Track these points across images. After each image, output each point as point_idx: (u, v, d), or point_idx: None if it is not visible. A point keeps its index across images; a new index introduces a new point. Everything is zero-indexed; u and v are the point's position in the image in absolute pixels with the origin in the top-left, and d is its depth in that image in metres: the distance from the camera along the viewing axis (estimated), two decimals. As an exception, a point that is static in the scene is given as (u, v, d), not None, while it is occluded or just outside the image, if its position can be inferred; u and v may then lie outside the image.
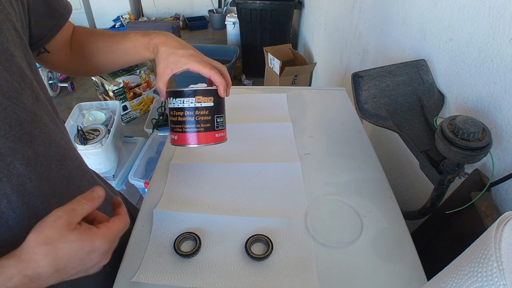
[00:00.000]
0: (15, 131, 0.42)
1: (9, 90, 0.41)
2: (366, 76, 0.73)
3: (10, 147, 0.42)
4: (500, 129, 0.60)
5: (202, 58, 0.58)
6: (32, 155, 0.45)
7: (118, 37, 0.62)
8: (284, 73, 2.26)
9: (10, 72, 0.41)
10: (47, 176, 0.47)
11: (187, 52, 0.57)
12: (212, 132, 0.58)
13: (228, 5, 3.89)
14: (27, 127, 0.44)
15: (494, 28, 0.60)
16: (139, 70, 2.55)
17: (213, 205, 0.67)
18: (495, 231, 0.31)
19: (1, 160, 0.41)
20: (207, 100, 0.57)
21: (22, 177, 0.44)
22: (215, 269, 0.56)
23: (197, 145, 0.58)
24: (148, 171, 1.76)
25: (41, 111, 0.47)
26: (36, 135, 0.45)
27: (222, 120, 0.60)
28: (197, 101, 0.57)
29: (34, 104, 0.45)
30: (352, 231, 0.62)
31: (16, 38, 0.44)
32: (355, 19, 1.43)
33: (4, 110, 0.40)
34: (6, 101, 0.40)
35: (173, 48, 0.57)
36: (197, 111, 0.57)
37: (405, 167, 0.96)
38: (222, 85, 0.57)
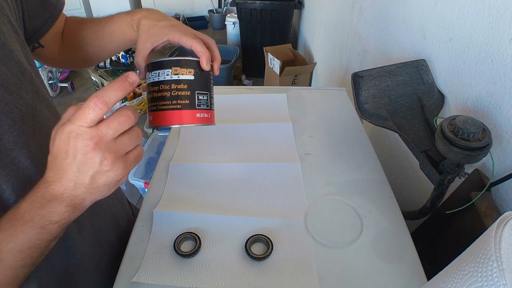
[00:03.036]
0: (19, 125, 0.42)
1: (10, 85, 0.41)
2: (366, 76, 0.73)
3: (15, 142, 0.42)
4: (500, 129, 0.60)
5: (185, 28, 0.53)
6: (36, 149, 0.45)
7: (103, 21, 0.60)
8: (284, 73, 2.26)
9: (9, 67, 0.41)
10: None
11: (168, 23, 0.52)
12: (191, 110, 0.48)
13: (228, 5, 3.89)
14: (29, 121, 0.44)
15: (494, 28, 0.60)
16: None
17: (213, 205, 0.67)
18: (495, 231, 0.31)
19: (6, 155, 0.41)
20: (186, 72, 0.48)
21: (28, 171, 0.44)
22: (215, 269, 0.56)
23: (173, 125, 0.48)
24: (148, 171, 1.76)
25: (41, 105, 0.47)
26: (37, 129, 0.45)
27: (207, 99, 0.50)
28: (173, 73, 0.48)
29: (34, 98, 0.45)
30: (352, 231, 0.62)
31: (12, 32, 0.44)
32: (355, 19, 1.43)
33: (6, 104, 0.40)
34: (7, 95, 0.40)
35: (154, 21, 0.53)
36: (173, 84, 0.48)
37: (405, 167, 0.96)
38: (205, 55, 0.49)
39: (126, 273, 0.55)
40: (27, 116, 0.43)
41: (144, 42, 0.52)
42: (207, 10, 4.18)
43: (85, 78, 3.31)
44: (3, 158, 0.41)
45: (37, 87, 0.47)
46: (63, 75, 3.13)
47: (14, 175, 0.42)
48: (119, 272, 0.56)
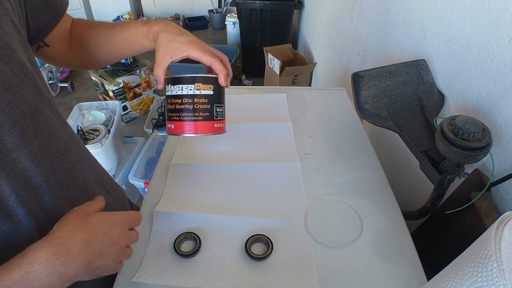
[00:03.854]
0: (20, 126, 0.42)
1: (12, 85, 0.41)
2: (366, 76, 0.73)
3: (15, 142, 0.41)
4: (500, 129, 0.60)
5: (202, 45, 0.56)
6: (38, 149, 0.45)
7: (117, 27, 0.61)
8: (284, 73, 2.26)
9: (11, 67, 0.41)
10: (52, 170, 0.48)
11: (188, 39, 0.55)
12: (210, 121, 0.56)
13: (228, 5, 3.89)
14: (30, 122, 0.44)
15: (494, 28, 0.60)
16: (139, 70, 2.55)
17: (213, 205, 0.67)
18: (495, 231, 0.31)
19: (7, 156, 0.41)
20: (207, 88, 0.55)
21: (28, 172, 0.44)
22: (215, 269, 0.56)
23: (194, 135, 0.55)
24: (148, 171, 1.76)
25: (44, 105, 0.47)
26: (39, 130, 0.45)
27: (222, 111, 0.58)
28: (196, 88, 0.54)
29: (36, 98, 0.45)
30: (352, 231, 0.62)
31: (15, 33, 0.44)
32: (355, 19, 1.43)
33: (8, 105, 0.40)
34: (9, 96, 0.40)
35: (173, 35, 0.55)
36: (196, 98, 0.54)
37: (405, 167, 0.96)
38: (223, 73, 0.55)
39: (126, 273, 0.55)
40: (28, 117, 0.43)
41: (164, 55, 0.55)
42: (207, 10, 4.18)
43: (85, 78, 3.31)
44: (4, 159, 0.41)
45: (39, 88, 0.47)
46: (63, 75, 3.13)
47: (15, 176, 0.42)
48: (119, 272, 0.56)
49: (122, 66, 2.52)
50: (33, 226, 0.45)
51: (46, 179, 0.46)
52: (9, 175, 0.41)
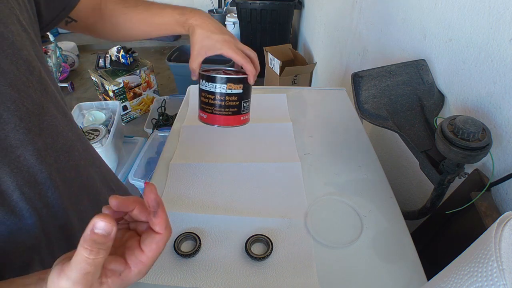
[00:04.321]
0: (25, 123, 0.42)
1: (17, 83, 0.41)
2: (366, 76, 0.73)
3: (21, 139, 0.42)
4: (500, 129, 0.60)
5: (236, 44, 0.60)
6: (42, 147, 0.45)
7: (152, 10, 0.63)
8: (284, 73, 2.26)
9: (17, 66, 0.42)
10: (56, 167, 0.48)
11: (222, 38, 0.59)
12: (238, 115, 0.63)
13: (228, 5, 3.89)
14: (35, 120, 0.44)
15: (494, 28, 0.60)
16: (139, 70, 2.55)
17: (213, 205, 0.67)
18: (495, 231, 0.31)
19: (12, 152, 0.41)
20: (237, 88, 0.61)
21: (33, 168, 0.44)
22: (215, 269, 0.56)
23: (224, 126, 0.64)
24: (148, 171, 1.76)
25: (49, 103, 0.47)
26: (44, 127, 0.46)
27: (248, 104, 0.65)
28: (228, 88, 0.60)
29: (42, 96, 0.46)
30: (352, 231, 0.62)
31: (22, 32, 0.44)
32: (355, 19, 1.43)
33: (13, 103, 0.41)
34: (15, 93, 0.41)
35: (209, 32, 0.59)
36: (227, 96, 0.61)
37: (405, 167, 0.96)
38: (252, 74, 0.60)
39: (126, 273, 0.55)
40: (33, 114, 0.44)
41: (199, 50, 0.60)
42: (207, 10, 4.18)
43: (85, 78, 3.31)
44: (9, 155, 0.41)
45: (46, 86, 0.47)
46: (63, 75, 3.13)
47: (19, 172, 0.43)
48: (119, 272, 0.56)
49: (122, 66, 2.52)
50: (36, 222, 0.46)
51: (50, 176, 0.47)
52: (13, 171, 0.42)
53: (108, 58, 2.57)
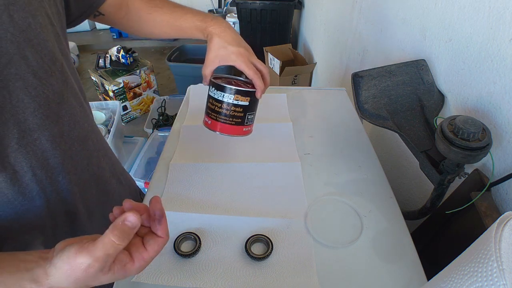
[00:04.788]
0: (44, 109, 0.46)
1: (40, 72, 0.45)
2: (366, 76, 0.73)
3: (38, 124, 0.45)
4: (500, 129, 0.60)
5: (249, 57, 0.62)
6: (58, 133, 0.49)
7: (176, 13, 0.66)
8: (284, 73, 2.26)
9: (41, 55, 0.45)
10: (70, 154, 0.51)
11: (237, 50, 0.61)
12: (241, 126, 0.65)
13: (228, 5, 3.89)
14: (55, 107, 0.48)
15: (494, 28, 0.60)
16: (139, 70, 2.55)
17: (213, 205, 0.67)
18: (495, 231, 0.31)
19: (29, 135, 0.45)
20: (244, 100, 0.62)
21: (47, 153, 0.47)
22: (215, 269, 0.56)
23: (225, 134, 0.65)
24: (148, 171, 1.76)
25: (69, 94, 0.51)
26: (62, 115, 0.49)
27: (252, 117, 0.66)
28: (235, 99, 0.61)
29: (62, 86, 0.49)
30: (352, 231, 0.62)
31: (48, 24, 0.47)
32: (355, 19, 1.43)
33: (34, 89, 0.44)
34: (36, 81, 0.44)
35: (226, 43, 0.61)
36: (233, 107, 0.62)
37: (405, 167, 0.96)
38: (260, 89, 0.61)
39: (126, 273, 0.55)
40: (53, 102, 0.47)
41: (214, 58, 0.62)
42: (207, 10, 4.18)
43: (85, 78, 3.31)
44: (26, 137, 0.44)
45: (66, 77, 0.50)
46: (63, 75, 3.13)
47: (34, 154, 0.46)
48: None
49: (122, 66, 2.52)
50: (43, 204, 0.49)
51: (62, 162, 0.50)
52: (28, 153, 0.45)
53: (108, 58, 2.56)
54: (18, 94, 0.43)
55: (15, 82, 0.42)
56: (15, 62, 0.42)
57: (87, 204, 0.57)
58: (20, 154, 0.44)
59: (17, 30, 0.42)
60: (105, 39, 4.10)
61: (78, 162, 0.53)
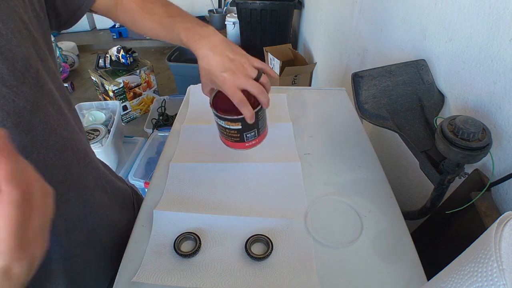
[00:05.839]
0: (13, 119, 0.43)
1: (10, 79, 0.42)
2: (366, 76, 0.73)
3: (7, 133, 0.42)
4: (500, 129, 0.60)
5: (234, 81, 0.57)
6: (29, 143, 0.46)
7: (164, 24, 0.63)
8: (284, 73, 2.26)
9: (13, 62, 0.42)
10: (44, 164, 0.48)
11: (221, 77, 0.57)
12: (242, 143, 0.68)
13: (228, 5, 3.89)
14: (26, 115, 0.45)
15: (494, 28, 0.60)
16: (139, 70, 2.55)
17: (213, 205, 0.67)
18: (495, 231, 0.31)
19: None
20: (235, 125, 0.63)
21: None
22: (215, 269, 0.56)
23: (232, 148, 0.70)
24: (148, 171, 1.76)
25: (45, 101, 0.48)
26: (35, 124, 0.46)
27: (253, 134, 0.66)
28: (226, 124, 0.64)
29: (37, 93, 0.46)
30: (352, 231, 0.62)
31: (23, 29, 0.45)
32: (355, 19, 1.43)
33: (3, 98, 0.41)
34: (5, 89, 0.42)
35: (210, 68, 0.58)
36: (227, 130, 0.65)
37: (405, 167, 0.96)
38: (247, 116, 0.59)
39: (126, 273, 0.55)
40: (24, 110, 0.44)
41: (205, 82, 0.63)
42: (207, 10, 4.18)
43: (85, 78, 3.31)
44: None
45: (43, 84, 0.47)
46: (63, 75, 3.13)
47: None
48: (119, 272, 0.56)
49: (122, 66, 2.52)
50: None
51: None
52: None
53: (108, 58, 2.57)
54: None
55: None
56: None
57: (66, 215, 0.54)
58: None
59: None
60: (105, 39, 4.10)
61: (54, 172, 0.50)
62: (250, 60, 0.61)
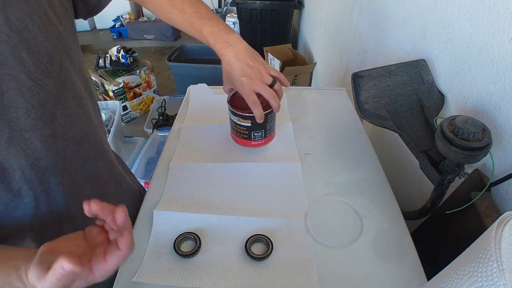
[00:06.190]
0: (37, 110, 0.46)
1: (36, 73, 0.45)
2: (366, 76, 0.73)
3: (30, 124, 0.46)
4: (500, 129, 0.60)
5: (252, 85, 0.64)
6: (51, 134, 0.49)
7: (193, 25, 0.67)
8: (284, 73, 2.26)
9: (38, 56, 0.45)
10: (64, 155, 0.51)
11: (239, 80, 0.64)
12: (249, 141, 0.74)
13: (228, 5, 3.89)
14: (50, 108, 0.48)
15: (494, 28, 0.60)
16: (139, 70, 2.55)
17: (213, 205, 0.67)
18: (495, 231, 0.31)
19: (20, 135, 0.45)
20: (245, 122, 0.70)
21: (38, 153, 0.48)
22: (215, 269, 0.56)
23: (239, 144, 0.76)
24: (148, 171, 1.76)
25: (67, 94, 0.50)
26: (57, 116, 0.49)
27: (261, 134, 0.73)
28: (238, 120, 0.70)
29: (59, 87, 0.49)
30: (352, 231, 0.62)
31: (48, 24, 0.47)
32: (355, 19, 1.43)
33: (28, 90, 0.44)
34: (30, 82, 0.44)
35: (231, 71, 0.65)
36: (238, 125, 0.72)
37: (405, 167, 0.96)
38: (257, 116, 0.66)
39: (126, 273, 0.55)
40: (48, 103, 0.47)
41: (225, 80, 0.70)
42: (207, 10, 4.18)
43: (85, 78, 3.30)
44: (17, 137, 0.45)
45: (66, 78, 0.50)
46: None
47: (24, 154, 0.46)
48: (119, 272, 0.56)
49: (122, 66, 2.52)
50: (32, 202, 0.49)
51: (55, 163, 0.50)
52: (19, 152, 0.45)
53: (108, 58, 2.56)
54: (11, 94, 0.43)
55: (8, 82, 0.43)
56: (9, 63, 0.42)
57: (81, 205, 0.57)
58: (9, 153, 0.44)
59: (13, 31, 0.42)
60: (105, 39, 4.10)
61: (72, 164, 0.53)
62: (267, 68, 0.67)
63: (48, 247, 0.39)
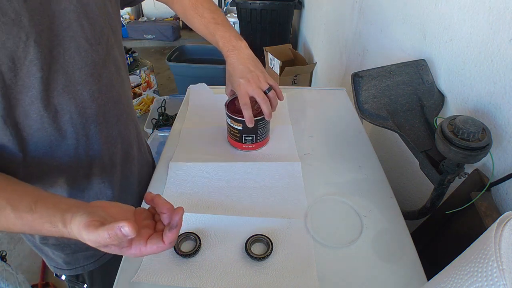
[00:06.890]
0: (89, 68, 0.56)
1: (91, 39, 0.56)
2: (366, 76, 0.73)
3: (82, 78, 0.56)
4: (500, 129, 0.60)
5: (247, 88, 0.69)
6: (97, 90, 0.59)
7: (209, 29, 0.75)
8: (284, 73, 2.26)
9: (94, 27, 0.56)
10: (104, 109, 0.62)
11: (238, 82, 0.70)
12: (240, 143, 0.78)
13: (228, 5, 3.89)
14: (98, 69, 0.58)
15: (494, 28, 0.60)
16: (139, 70, 2.55)
17: (213, 205, 0.67)
18: (495, 231, 0.31)
19: (73, 85, 0.55)
20: (237, 125, 0.74)
21: (85, 103, 0.58)
22: (215, 269, 0.56)
23: (231, 146, 0.81)
24: (148, 171, 1.76)
25: (109, 62, 0.61)
26: (102, 77, 0.60)
27: (252, 138, 0.77)
28: (231, 122, 0.75)
29: (106, 55, 0.60)
30: (352, 231, 0.62)
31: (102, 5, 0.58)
32: (355, 19, 1.43)
33: (84, 51, 0.55)
34: (87, 45, 0.55)
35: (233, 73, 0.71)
36: (230, 127, 0.77)
37: (405, 167, 0.96)
38: (247, 120, 0.70)
39: (126, 273, 0.55)
40: (97, 65, 0.58)
41: (227, 83, 0.76)
42: (207, 10, 4.18)
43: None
44: (70, 87, 0.54)
45: (110, 49, 0.61)
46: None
47: (74, 102, 0.56)
48: (119, 272, 0.56)
49: (122, 66, 2.52)
50: (73, 144, 0.59)
51: (97, 114, 0.60)
52: (70, 100, 0.55)
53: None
54: (71, 52, 0.53)
55: (70, 42, 0.53)
56: (73, 27, 0.53)
57: (111, 157, 0.67)
58: (63, 99, 0.54)
59: (79, 3, 0.53)
60: (105, 39, 4.09)
61: (109, 119, 0.63)
62: (266, 76, 0.72)
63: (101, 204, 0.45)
